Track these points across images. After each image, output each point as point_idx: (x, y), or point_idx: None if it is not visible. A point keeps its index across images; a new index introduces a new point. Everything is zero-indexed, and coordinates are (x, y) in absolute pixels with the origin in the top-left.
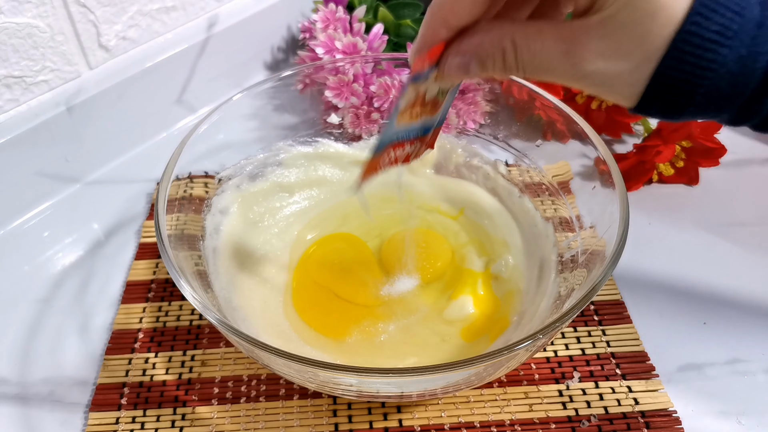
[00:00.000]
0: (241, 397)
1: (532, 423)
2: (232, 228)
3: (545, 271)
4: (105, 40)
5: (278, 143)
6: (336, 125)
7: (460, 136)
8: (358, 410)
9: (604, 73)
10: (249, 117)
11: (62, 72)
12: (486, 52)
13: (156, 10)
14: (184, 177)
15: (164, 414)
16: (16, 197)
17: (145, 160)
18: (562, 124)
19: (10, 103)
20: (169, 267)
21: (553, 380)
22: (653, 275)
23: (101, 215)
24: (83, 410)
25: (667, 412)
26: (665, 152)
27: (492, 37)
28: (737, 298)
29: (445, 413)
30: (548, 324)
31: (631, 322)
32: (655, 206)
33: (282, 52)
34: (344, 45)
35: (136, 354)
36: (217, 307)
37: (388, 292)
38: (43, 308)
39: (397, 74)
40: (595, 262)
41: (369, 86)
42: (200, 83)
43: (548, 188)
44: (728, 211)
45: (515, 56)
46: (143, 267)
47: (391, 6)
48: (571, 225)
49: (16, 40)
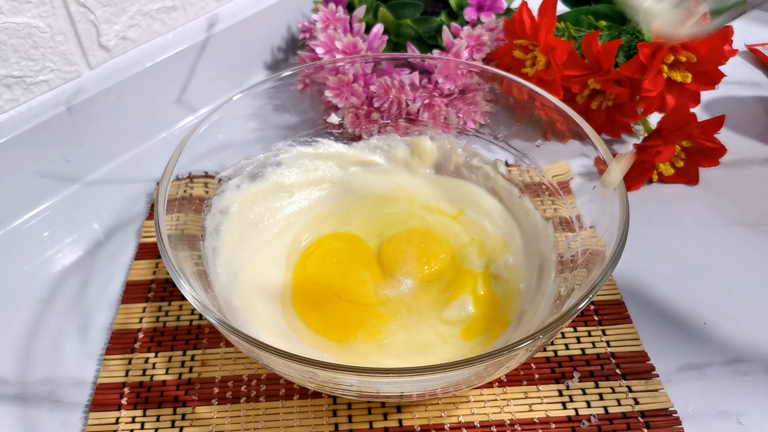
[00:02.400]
0: (241, 397)
1: (532, 423)
2: (232, 228)
3: (545, 271)
4: (105, 40)
5: (278, 143)
6: (336, 125)
7: (460, 136)
8: (358, 410)
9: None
10: (249, 117)
11: (62, 72)
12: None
13: (156, 10)
14: (184, 177)
15: (164, 414)
16: (16, 197)
17: (145, 160)
18: (562, 124)
19: (10, 103)
20: (169, 267)
21: (553, 380)
22: (653, 275)
23: (101, 215)
24: (83, 410)
25: (667, 412)
26: (665, 152)
27: None
28: (737, 298)
29: (445, 413)
30: (548, 324)
31: (631, 322)
32: (655, 206)
33: (282, 52)
34: (344, 45)
35: (136, 354)
36: (217, 307)
37: (389, 292)
38: (43, 308)
39: (397, 74)
40: (595, 262)
41: (369, 86)
42: (200, 83)
43: (548, 188)
44: (728, 211)
45: None
46: (143, 267)
47: (391, 6)
48: (571, 225)
49: (16, 40)
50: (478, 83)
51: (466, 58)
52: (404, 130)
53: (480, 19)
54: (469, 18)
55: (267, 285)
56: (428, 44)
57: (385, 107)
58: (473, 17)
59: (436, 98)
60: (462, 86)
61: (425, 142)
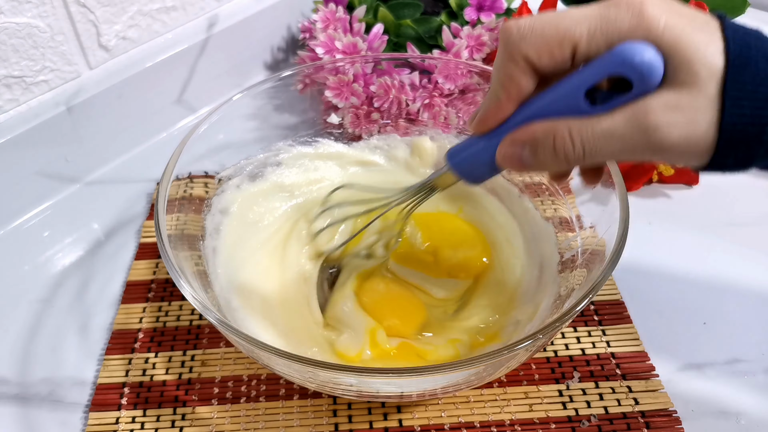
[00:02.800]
0: (241, 397)
1: (532, 423)
2: (232, 228)
3: (545, 271)
4: (105, 40)
5: (278, 143)
6: (336, 125)
7: (460, 136)
8: (358, 410)
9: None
10: (249, 117)
11: (62, 72)
12: (542, 139)
13: (156, 10)
14: (184, 177)
15: (164, 414)
16: (16, 197)
17: (145, 160)
18: None
19: (10, 103)
20: (169, 267)
21: (553, 380)
22: (653, 275)
23: (101, 215)
24: (83, 410)
25: (667, 412)
26: None
27: (546, 125)
28: (737, 298)
29: (445, 413)
30: (548, 324)
31: (631, 322)
32: (655, 206)
33: (282, 52)
34: (344, 45)
35: (136, 354)
36: (217, 307)
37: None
38: (43, 308)
39: (397, 74)
40: (595, 262)
41: (369, 86)
42: (200, 83)
43: (548, 188)
44: (728, 211)
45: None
46: (143, 267)
47: (391, 6)
48: (571, 225)
49: (16, 40)
50: (478, 83)
51: (466, 58)
52: (404, 130)
53: (480, 19)
54: (469, 18)
55: (267, 285)
56: (428, 44)
57: (385, 107)
58: (473, 17)
59: (436, 98)
60: (462, 86)
61: (425, 142)
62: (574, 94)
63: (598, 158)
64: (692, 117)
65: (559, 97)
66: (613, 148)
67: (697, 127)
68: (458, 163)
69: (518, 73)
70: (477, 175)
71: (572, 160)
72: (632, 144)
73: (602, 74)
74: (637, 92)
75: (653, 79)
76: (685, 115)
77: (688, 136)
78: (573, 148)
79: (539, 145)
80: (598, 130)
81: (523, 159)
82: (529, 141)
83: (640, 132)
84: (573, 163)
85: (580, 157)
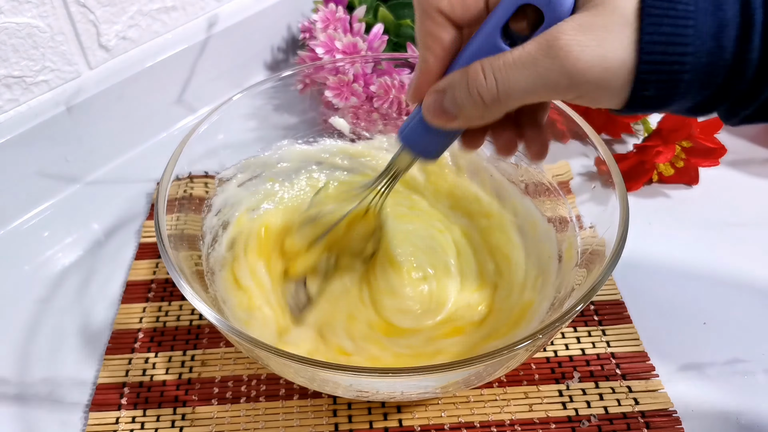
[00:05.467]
0: (241, 397)
1: (532, 423)
2: (232, 228)
3: (545, 271)
4: (105, 40)
5: (278, 143)
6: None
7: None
8: (358, 410)
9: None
10: (249, 117)
11: (62, 72)
12: (457, 81)
13: (156, 10)
14: (184, 177)
15: (164, 414)
16: (16, 197)
17: (145, 160)
18: (562, 124)
19: (10, 103)
20: (169, 267)
21: (553, 380)
22: (653, 275)
23: (101, 215)
24: (83, 410)
25: (667, 412)
26: (665, 152)
27: (463, 69)
28: (737, 298)
29: (445, 413)
30: (548, 324)
31: (631, 322)
32: (655, 206)
33: (282, 52)
34: (344, 45)
35: (136, 354)
36: (217, 307)
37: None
38: (43, 308)
39: (397, 74)
40: (595, 262)
41: (369, 86)
42: (200, 83)
43: (548, 188)
44: (728, 211)
45: (485, 77)
46: (143, 267)
47: (391, 6)
48: (571, 225)
49: (16, 40)
50: None
51: None
52: None
53: None
54: None
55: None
56: None
57: (385, 107)
58: None
59: None
60: None
61: None
62: (491, 34)
63: (514, 94)
64: (606, 36)
65: (478, 42)
66: (526, 79)
67: (612, 47)
68: (407, 136)
69: (436, 28)
70: (428, 146)
71: (487, 98)
72: (545, 71)
73: (512, 7)
74: (549, 21)
75: (563, 4)
76: (597, 35)
77: (603, 56)
78: (486, 82)
79: (456, 87)
80: (510, 60)
81: (445, 106)
82: (447, 86)
83: (551, 56)
84: (490, 103)
85: (494, 92)
